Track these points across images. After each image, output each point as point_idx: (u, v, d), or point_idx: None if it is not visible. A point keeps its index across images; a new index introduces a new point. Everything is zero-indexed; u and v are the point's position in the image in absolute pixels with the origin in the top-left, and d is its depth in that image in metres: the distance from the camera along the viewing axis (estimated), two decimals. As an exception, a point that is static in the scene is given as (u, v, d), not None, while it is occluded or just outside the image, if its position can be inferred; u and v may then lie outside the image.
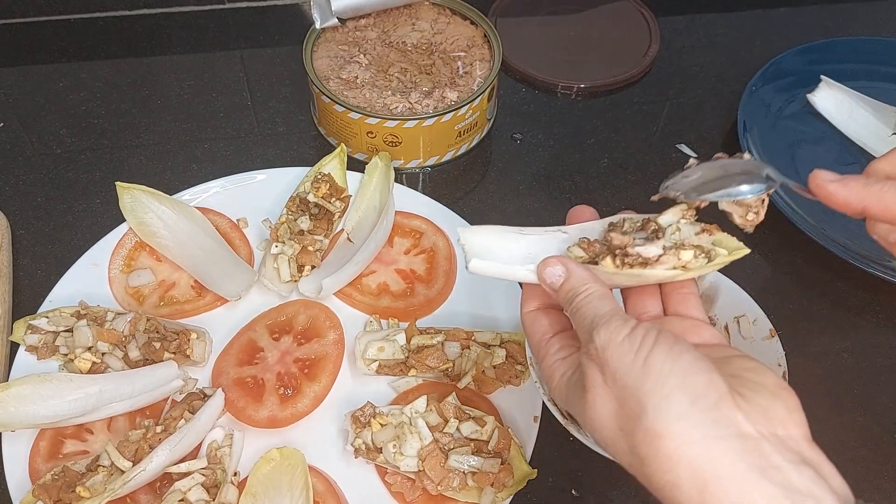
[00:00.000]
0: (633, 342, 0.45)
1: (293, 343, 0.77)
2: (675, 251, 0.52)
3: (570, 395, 0.50)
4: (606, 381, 0.45)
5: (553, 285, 0.52)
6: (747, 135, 0.93)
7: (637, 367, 0.44)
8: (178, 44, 1.09)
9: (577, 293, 0.50)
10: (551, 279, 0.52)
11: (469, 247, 0.55)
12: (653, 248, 0.52)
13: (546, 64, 1.05)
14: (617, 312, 0.48)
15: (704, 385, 0.43)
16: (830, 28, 1.14)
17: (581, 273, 0.51)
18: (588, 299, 0.49)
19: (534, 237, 0.56)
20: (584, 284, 0.50)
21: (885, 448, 0.74)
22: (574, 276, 0.51)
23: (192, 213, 0.84)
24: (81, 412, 0.69)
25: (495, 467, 0.66)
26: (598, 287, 0.50)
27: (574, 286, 0.51)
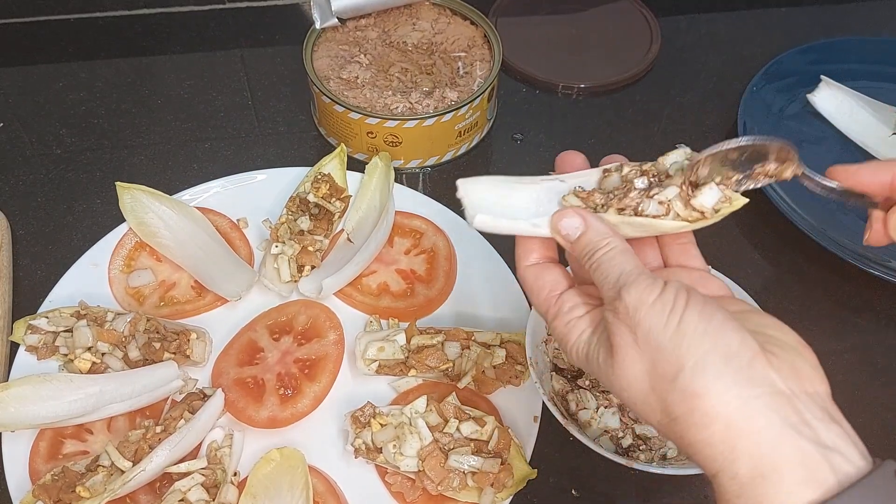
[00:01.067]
0: (666, 303, 0.44)
1: (293, 343, 0.77)
2: (684, 201, 0.50)
3: (591, 354, 0.49)
4: (638, 341, 0.45)
5: (569, 237, 0.50)
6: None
7: (671, 329, 0.43)
8: (178, 44, 1.09)
9: (598, 247, 0.49)
10: (567, 231, 0.50)
11: (469, 201, 0.53)
12: (660, 198, 0.50)
13: (546, 64, 1.05)
14: (643, 271, 0.47)
15: (738, 344, 0.43)
16: (831, 28, 1.14)
17: (599, 226, 0.50)
18: (610, 255, 0.48)
19: (533, 187, 0.54)
20: (604, 238, 0.49)
21: (885, 448, 0.74)
22: (592, 228, 0.50)
23: (193, 213, 0.84)
24: (81, 412, 0.69)
25: (495, 467, 0.66)
26: (618, 241, 0.49)
27: (593, 239, 0.49)
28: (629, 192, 0.51)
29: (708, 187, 0.50)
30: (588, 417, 0.71)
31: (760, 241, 0.89)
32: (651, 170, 0.52)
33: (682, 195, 0.50)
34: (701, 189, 0.50)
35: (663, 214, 0.50)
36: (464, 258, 0.84)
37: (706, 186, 0.50)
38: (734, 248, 0.88)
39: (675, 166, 0.52)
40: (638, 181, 0.51)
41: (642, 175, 0.52)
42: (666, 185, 0.51)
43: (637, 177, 0.52)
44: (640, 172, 0.52)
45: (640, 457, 0.68)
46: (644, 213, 0.50)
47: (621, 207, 0.51)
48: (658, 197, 0.50)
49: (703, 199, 0.50)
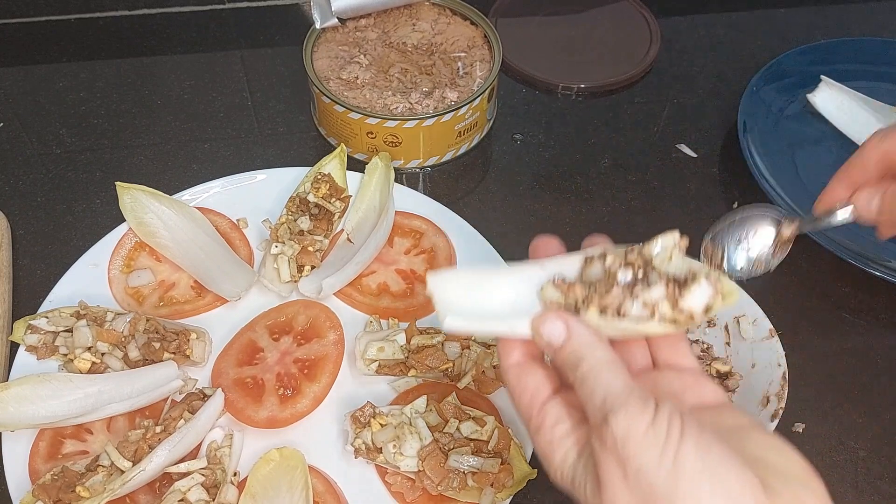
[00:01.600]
0: (658, 434, 0.40)
1: (293, 343, 0.77)
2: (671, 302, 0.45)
3: (577, 482, 0.44)
4: (628, 478, 0.40)
5: (552, 343, 0.46)
6: (747, 135, 0.93)
7: (665, 467, 0.39)
8: (178, 44, 1.09)
9: (582, 358, 0.44)
10: (549, 337, 0.46)
11: (439, 298, 0.48)
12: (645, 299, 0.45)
13: (546, 64, 1.05)
14: (633, 391, 0.42)
15: (739, 487, 0.39)
16: (831, 28, 1.14)
17: (584, 333, 0.45)
18: (597, 369, 0.43)
19: (510, 278, 0.49)
20: (590, 348, 0.44)
21: (885, 448, 0.74)
22: (576, 335, 0.45)
23: (192, 213, 0.84)
24: (81, 412, 0.69)
25: (495, 467, 0.66)
26: (604, 352, 0.44)
27: (577, 349, 0.45)
28: (611, 289, 0.46)
29: (697, 285, 0.45)
30: None
31: (760, 241, 0.89)
32: (636, 260, 0.47)
33: (668, 295, 0.45)
34: (689, 288, 0.45)
35: (648, 317, 0.45)
36: (464, 258, 0.84)
37: (695, 284, 0.45)
38: (734, 249, 0.88)
39: (662, 255, 0.47)
40: (621, 275, 0.47)
41: (626, 267, 0.47)
42: (652, 281, 0.46)
43: (620, 269, 0.47)
44: (624, 263, 0.47)
45: None
46: (627, 316, 0.45)
47: (603, 306, 0.46)
48: (642, 297, 0.45)
49: (691, 301, 0.45)
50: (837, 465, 0.73)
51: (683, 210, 0.92)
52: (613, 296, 0.46)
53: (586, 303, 0.46)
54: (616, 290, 0.46)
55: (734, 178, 0.95)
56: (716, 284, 0.45)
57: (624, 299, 0.46)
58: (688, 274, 0.46)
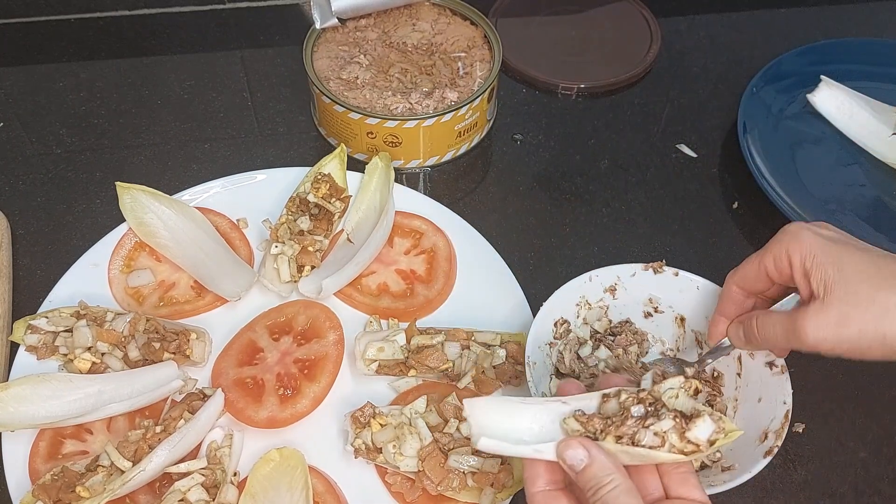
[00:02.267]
0: None
1: (293, 343, 0.77)
2: (679, 433, 0.52)
3: None
4: None
5: (574, 468, 0.51)
6: (747, 136, 0.93)
7: None
8: (178, 44, 1.09)
9: (602, 483, 0.50)
10: (572, 461, 0.51)
11: (474, 421, 0.55)
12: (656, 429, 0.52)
13: (546, 64, 1.05)
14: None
15: None
16: (831, 29, 1.14)
17: (604, 460, 0.51)
18: (614, 493, 0.49)
19: (537, 408, 0.56)
20: (608, 474, 0.50)
21: (884, 449, 0.74)
22: (597, 462, 0.51)
23: (192, 214, 0.84)
24: (81, 412, 0.69)
25: (495, 467, 0.66)
26: (622, 479, 0.50)
27: (597, 474, 0.50)
28: (626, 420, 0.53)
29: (702, 420, 0.52)
30: None
31: (760, 241, 0.89)
32: (647, 397, 0.54)
33: (676, 427, 0.52)
34: (695, 421, 0.52)
35: (659, 445, 0.52)
36: (464, 258, 0.84)
37: (699, 419, 0.52)
38: (734, 249, 0.88)
39: (669, 393, 0.54)
40: (634, 409, 0.53)
41: (639, 403, 0.53)
42: (662, 415, 0.52)
43: (634, 404, 0.53)
44: (637, 400, 0.54)
45: None
46: (640, 444, 0.52)
47: (619, 435, 0.52)
48: (653, 428, 0.52)
49: (697, 433, 0.51)
50: (837, 466, 0.73)
51: (683, 210, 0.92)
52: (628, 426, 0.52)
53: (604, 433, 0.53)
54: (630, 422, 0.52)
55: (734, 178, 0.95)
56: (718, 423, 0.52)
57: (637, 429, 0.52)
58: (693, 411, 0.53)
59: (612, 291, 0.76)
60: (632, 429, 0.52)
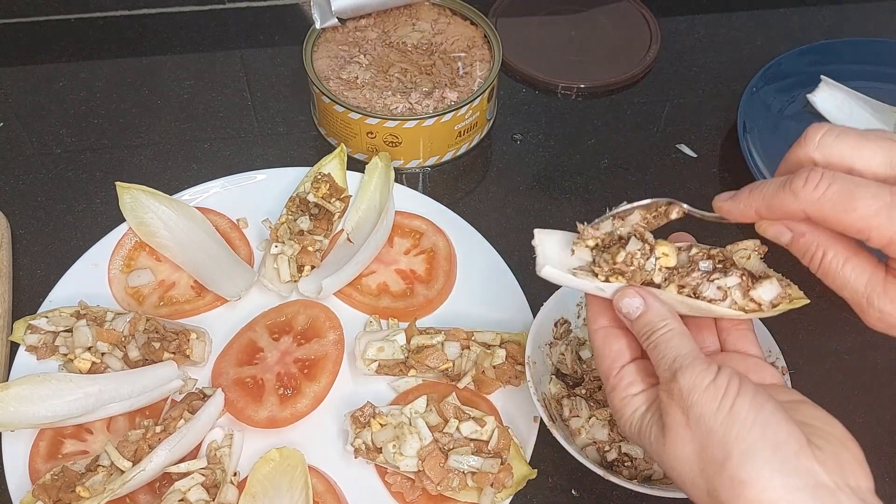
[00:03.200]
0: (718, 389, 0.46)
1: (293, 343, 0.77)
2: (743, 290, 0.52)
3: (644, 431, 0.51)
4: (689, 423, 0.47)
5: (629, 315, 0.52)
6: (747, 135, 0.93)
7: (722, 415, 0.45)
8: (178, 44, 1.09)
9: (656, 328, 0.51)
10: (628, 309, 0.52)
11: (541, 250, 0.55)
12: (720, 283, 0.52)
13: (546, 64, 1.05)
14: (698, 355, 0.49)
15: (785, 435, 0.45)
16: (830, 28, 1.14)
17: (659, 307, 0.52)
18: (667, 336, 0.50)
19: None
20: (663, 320, 0.51)
21: (885, 448, 0.74)
22: (652, 309, 0.52)
23: (192, 213, 0.84)
24: (81, 412, 0.69)
25: (495, 467, 0.66)
26: (676, 324, 0.51)
27: (652, 320, 0.51)
28: (692, 272, 0.52)
29: (769, 281, 0.52)
30: (579, 425, 0.71)
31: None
32: (718, 255, 0.53)
33: (742, 285, 0.52)
34: (761, 282, 0.52)
35: (720, 300, 0.52)
36: (464, 258, 0.84)
37: (767, 280, 0.52)
38: (734, 249, 0.88)
39: (741, 253, 0.53)
40: (703, 263, 0.53)
41: (708, 259, 0.53)
42: (729, 272, 0.52)
43: (703, 259, 0.53)
44: (707, 256, 0.53)
45: (623, 472, 0.68)
46: (702, 296, 0.52)
47: (682, 285, 0.52)
48: (718, 282, 0.52)
49: (762, 293, 0.52)
50: (837, 465, 0.73)
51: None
52: (693, 277, 0.52)
53: (668, 281, 0.52)
54: (696, 274, 0.52)
55: (734, 178, 0.95)
56: (786, 288, 0.52)
57: (702, 282, 0.52)
58: (762, 273, 0.53)
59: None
60: (696, 280, 0.52)
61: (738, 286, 0.52)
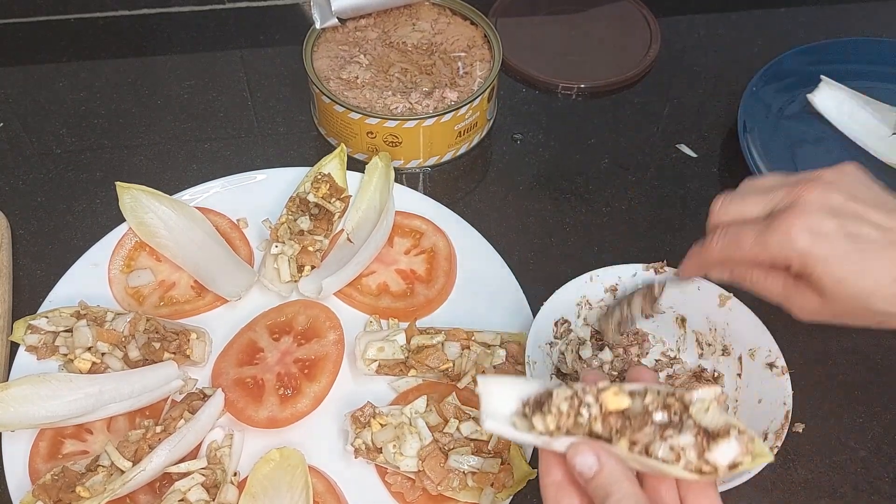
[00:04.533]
0: None
1: (293, 343, 0.77)
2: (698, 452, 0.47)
3: None
4: None
5: (583, 475, 0.49)
6: (747, 135, 0.93)
7: None
8: (178, 44, 1.09)
9: (610, 493, 0.47)
10: (581, 468, 0.49)
11: (485, 400, 0.51)
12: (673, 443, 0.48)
13: (546, 64, 1.05)
14: None
15: None
16: (831, 28, 1.14)
17: (613, 468, 0.48)
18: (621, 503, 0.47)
19: None
20: (618, 484, 0.47)
21: (885, 448, 0.74)
22: (605, 470, 0.48)
23: (192, 213, 0.84)
24: (81, 412, 0.69)
25: (495, 467, 0.66)
26: (632, 489, 0.48)
27: (606, 483, 0.48)
28: (644, 426, 0.48)
29: (726, 442, 0.47)
30: None
31: (760, 241, 0.89)
32: (674, 404, 0.49)
33: (696, 445, 0.48)
34: (718, 442, 0.47)
35: (674, 461, 0.48)
36: (464, 258, 0.84)
37: (724, 441, 0.47)
38: (734, 249, 0.88)
39: (699, 405, 0.49)
40: (657, 415, 0.49)
41: (664, 409, 0.49)
42: (685, 427, 0.48)
43: (657, 410, 0.49)
44: (662, 405, 0.49)
45: None
46: (654, 455, 0.48)
47: (633, 441, 0.48)
48: (672, 441, 0.48)
49: (717, 456, 0.47)
50: (838, 465, 0.73)
51: (683, 210, 0.92)
52: (644, 433, 0.48)
53: (619, 435, 0.49)
54: (648, 429, 0.48)
55: (734, 178, 0.95)
56: (747, 444, 0.47)
57: (654, 439, 0.48)
58: (721, 428, 0.48)
59: (613, 292, 0.76)
60: (648, 437, 0.48)
61: (692, 446, 0.47)
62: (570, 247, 0.88)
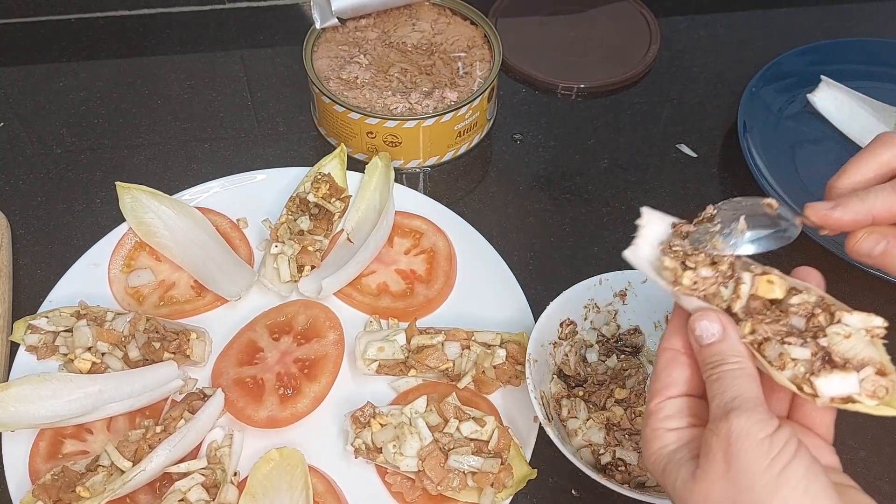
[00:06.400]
0: (773, 446, 0.42)
1: (293, 343, 0.77)
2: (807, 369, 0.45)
3: (669, 470, 0.47)
4: (729, 473, 0.43)
5: (701, 339, 0.47)
6: (747, 135, 0.93)
7: (770, 475, 0.41)
8: (178, 44, 1.09)
9: (726, 360, 0.46)
10: (701, 332, 0.47)
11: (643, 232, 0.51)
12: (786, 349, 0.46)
13: (546, 64, 1.05)
14: (761, 403, 0.44)
15: None
16: (831, 28, 1.14)
17: (736, 341, 0.47)
18: (735, 374, 0.46)
19: None
20: (736, 356, 0.46)
21: (885, 449, 0.74)
22: (729, 340, 0.47)
23: (192, 213, 0.84)
24: (81, 412, 0.69)
25: (495, 467, 0.66)
26: (749, 365, 0.46)
27: (724, 351, 0.47)
28: (776, 322, 0.47)
29: (844, 374, 0.44)
30: (576, 426, 0.70)
31: (760, 241, 0.89)
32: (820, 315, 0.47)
33: (809, 362, 0.45)
34: (832, 371, 0.45)
35: (779, 367, 0.46)
36: (464, 258, 0.84)
37: (841, 372, 0.44)
38: (734, 249, 0.88)
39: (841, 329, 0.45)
40: (795, 319, 0.47)
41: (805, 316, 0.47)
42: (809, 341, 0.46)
43: (798, 313, 0.47)
44: (807, 312, 0.47)
45: (616, 476, 0.67)
46: (763, 352, 0.46)
47: (755, 330, 0.47)
48: (786, 347, 0.46)
49: (823, 383, 0.45)
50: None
51: (683, 210, 0.91)
52: (770, 328, 0.46)
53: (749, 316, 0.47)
54: (777, 326, 0.47)
55: (734, 178, 0.95)
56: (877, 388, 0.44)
57: (773, 337, 0.46)
58: (854, 360, 0.45)
59: (622, 296, 0.75)
60: (770, 332, 0.46)
61: (804, 361, 0.45)
62: (569, 246, 0.88)
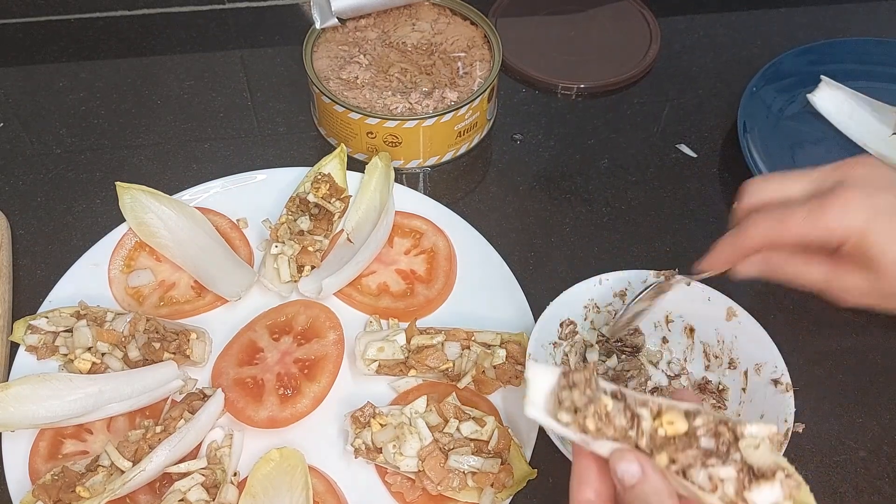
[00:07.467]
0: None
1: (293, 343, 0.77)
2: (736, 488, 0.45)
3: None
4: None
5: (623, 481, 0.47)
6: (747, 135, 0.93)
7: None
8: (178, 44, 1.09)
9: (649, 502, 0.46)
10: (622, 474, 0.47)
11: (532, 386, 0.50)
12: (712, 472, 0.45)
13: (546, 64, 1.05)
14: None
15: None
16: (831, 28, 1.14)
17: (657, 482, 0.47)
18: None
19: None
20: (658, 497, 0.46)
21: (884, 448, 0.74)
22: (650, 482, 0.47)
23: (192, 213, 0.84)
24: (81, 412, 0.69)
25: (495, 467, 0.66)
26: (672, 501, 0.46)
27: (646, 492, 0.46)
28: (689, 448, 0.47)
29: (770, 484, 0.45)
30: None
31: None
32: (725, 433, 0.47)
33: (737, 480, 0.45)
34: (760, 483, 0.45)
35: (710, 490, 0.46)
36: (464, 258, 0.84)
37: (767, 482, 0.45)
38: (734, 249, 0.88)
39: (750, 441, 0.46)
40: (704, 440, 0.47)
41: (713, 436, 0.47)
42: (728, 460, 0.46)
43: (706, 435, 0.47)
44: (713, 432, 0.47)
45: None
46: (691, 479, 0.46)
47: (674, 459, 0.47)
48: (711, 471, 0.46)
49: (757, 496, 0.45)
50: (837, 466, 0.73)
51: (683, 210, 0.92)
52: (687, 455, 0.47)
53: (661, 449, 0.47)
54: (692, 452, 0.47)
55: (734, 178, 0.95)
56: (791, 490, 0.45)
57: (696, 463, 0.46)
58: (768, 468, 0.46)
59: (622, 297, 0.75)
60: (690, 459, 0.46)
61: (733, 480, 0.45)
62: (569, 247, 0.88)
